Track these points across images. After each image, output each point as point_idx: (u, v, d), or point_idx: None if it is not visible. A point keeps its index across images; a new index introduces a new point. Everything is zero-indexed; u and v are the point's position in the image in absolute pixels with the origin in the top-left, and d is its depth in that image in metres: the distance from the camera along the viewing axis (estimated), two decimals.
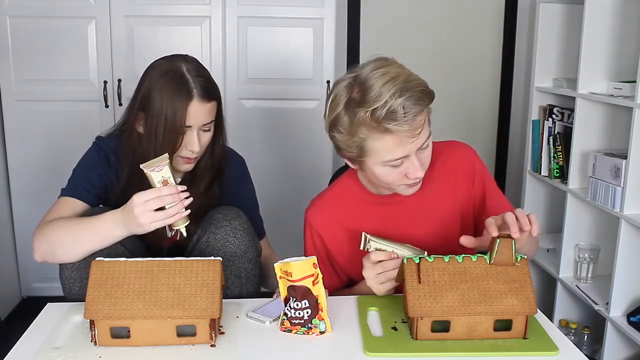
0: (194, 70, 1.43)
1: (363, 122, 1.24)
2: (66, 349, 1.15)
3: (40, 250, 1.37)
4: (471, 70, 3.16)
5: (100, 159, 1.51)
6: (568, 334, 2.39)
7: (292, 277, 1.18)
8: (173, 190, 1.27)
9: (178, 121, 1.39)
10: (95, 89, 2.70)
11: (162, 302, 1.15)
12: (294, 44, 2.75)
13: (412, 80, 1.25)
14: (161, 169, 1.30)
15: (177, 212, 1.28)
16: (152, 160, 1.31)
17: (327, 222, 1.45)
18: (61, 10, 2.62)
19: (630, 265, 2.10)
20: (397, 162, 1.28)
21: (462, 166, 1.47)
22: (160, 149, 1.39)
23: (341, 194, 1.48)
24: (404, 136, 1.24)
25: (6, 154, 2.75)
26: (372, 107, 1.21)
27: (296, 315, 1.20)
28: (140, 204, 1.26)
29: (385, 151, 1.26)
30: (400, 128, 1.22)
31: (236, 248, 1.45)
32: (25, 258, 2.84)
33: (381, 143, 1.25)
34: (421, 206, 1.44)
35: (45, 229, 1.37)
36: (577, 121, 2.35)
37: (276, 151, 2.84)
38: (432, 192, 1.44)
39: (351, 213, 1.45)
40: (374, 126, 1.23)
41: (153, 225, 1.28)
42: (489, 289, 1.18)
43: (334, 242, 1.46)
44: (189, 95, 1.39)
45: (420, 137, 1.26)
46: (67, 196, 1.46)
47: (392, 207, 1.44)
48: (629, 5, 2.27)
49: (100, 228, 1.33)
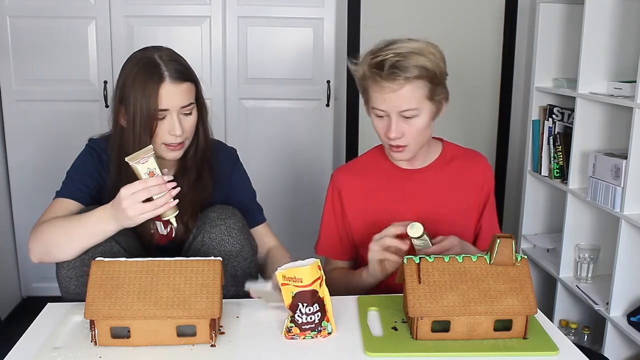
0: (167, 55, 1.44)
1: (364, 67, 1.45)
2: (66, 349, 1.15)
3: (36, 251, 1.37)
4: (471, 70, 3.16)
5: (92, 160, 1.52)
6: (568, 334, 2.39)
7: (303, 282, 1.17)
8: (160, 181, 1.28)
9: (152, 105, 1.39)
10: (95, 89, 2.70)
11: (162, 302, 1.15)
12: (294, 44, 2.75)
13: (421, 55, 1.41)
14: (146, 161, 1.30)
15: (165, 203, 1.28)
16: (136, 153, 1.31)
17: (348, 181, 1.62)
18: (61, 10, 2.63)
19: (630, 265, 2.10)
20: (380, 112, 1.46)
21: (478, 174, 1.63)
22: (139, 138, 1.40)
23: (366, 161, 1.65)
24: (384, 90, 1.41)
25: (6, 154, 2.75)
26: (376, 54, 1.42)
27: (307, 321, 1.19)
28: (128, 197, 1.26)
29: (374, 97, 1.45)
30: (381, 80, 1.40)
31: (231, 247, 1.45)
32: (25, 258, 2.84)
33: (370, 88, 1.46)
34: (438, 188, 1.58)
35: (39, 229, 1.37)
36: (577, 121, 2.35)
37: (276, 151, 2.84)
38: (448, 181, 1.59)
39: (371, 178, 1.61)
40: (366, 73, 1.44)
41: (142, 217, 1.28)
42: (489, 289, 1.18)
43: (350, 200, 1.61)
44: (160, 78, 1.39)
45: (401, 100, 1.42)
46: (60, 197, 1.47)
47: (408, 182, 1.59)
48: (629, 5, 2.27)
49: (91, 224, 1.33)
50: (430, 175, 1.59)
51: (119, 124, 1.47)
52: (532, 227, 2.83)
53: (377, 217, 1.56)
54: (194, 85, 1.47)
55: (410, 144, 1.48)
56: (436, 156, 1.61)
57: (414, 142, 1.49)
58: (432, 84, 1.44)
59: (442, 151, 1.62)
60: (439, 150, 1.62)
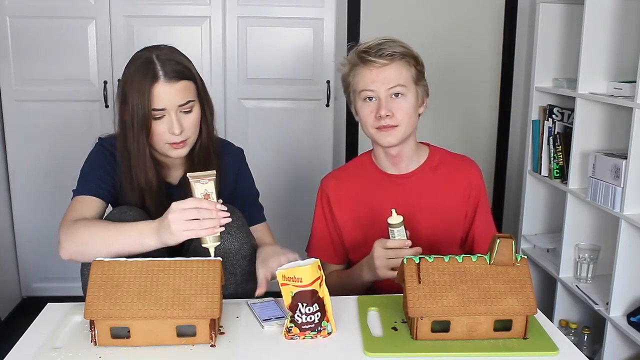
0: (165, 55, 1.44)
1: (351, 60, 1.54)
2: (66, 349, 1.16)
3: (69, 250, 1.35)
4: (471, 70, 3.16)
5: (105, 158, 1.52)
6: (568, 334, 2.39)
7: (303, 282, 1.17)
8: (212, 206, 1.26)
9: (145, 104, 1.39)
10: (95, 89, 2.70)
11: (162, 302, 1.15)
12: (294, 44, 2.75)
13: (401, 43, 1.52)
14: (206, 182, 1.29)
15: (211, 226, 1.26)
16: (199, 172, 1.31)
17: (337, 187, 1.65)
18: (61, 10, 2.63)
19: (630, 265, 2.10)
20: (370, 93, 1.51)
21: (465, 180, 1.63)
22: (137, 137, 1.41)
23: (355, 168, 1.68)
24: (373, 67, 1.49)
25: (6, 154, 2.75)
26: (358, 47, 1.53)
27: (307, 321, 1.19)
28: (178, 211, 1.25)
29: (361, 81, 1.51)
30: (369, 59, 1.49)
31: (230, 245, 1.45)
32: (25, 258, 2.84)
33: (358, 74, 1.52)
34: (424, 193, 1.60)
35: (73, 228, 1.35)
36: (577, 121, 2.34)
37: (276, 151, 2.84)
38: (434, 186, 1.61)
39: (360, 184, 1.63)
40: (354, 61, 1.52)
41: (185, 234, 1.26)
42: (489, 289, 1.18)
43: (339, 206, 1.64)
44: (154, 77, 1.40)
45: (390, 76, 1.49)
46: (81, 195, 1.46)
47: (398, 187, 1.60)
48: (629, 5, 2.27)
49: (132, 236, 1.32)
50: (416, 180, 1.61)
51: (123, 122, 1.47)
52: (532, 227, 2.83)
53: (365, 222, 1.60)
54: (192, 83, 1.47)
55: (400, 124, 1.51)
56: (423, 161, 1.63)
57: (403, 122, 1.51)
58: (416, 69, 1.54)
59: (429, 156, 1.63)
60: (426, 155, 1.64)
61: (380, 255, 1.44)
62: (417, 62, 1.54)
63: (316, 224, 1.68)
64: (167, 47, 1.49)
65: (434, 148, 1.66)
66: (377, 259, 1.44)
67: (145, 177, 1.48)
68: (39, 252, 2.78)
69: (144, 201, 1.50)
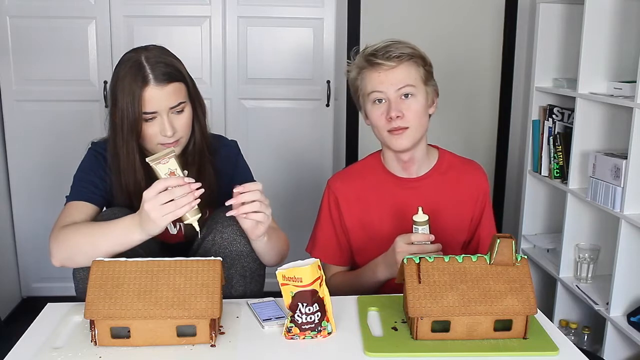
0: (154, 57, 1.43)
1: (358, 63, 1.54)
2: (66, 349, 1.16)
3: (59, 256, 1.36)
4: (471, 70, 3.16)
5: (98, 162, 1.52)
6: (568, 334, 2.39)
7: (303, 282, 1.17)
8: (180, 181, 1.26)
9: (136, 108, 1.39)
10: (95, 89, 2.70)
11: (162, 302, 1.15)
12: (294, 44, 2.75)
13: (408, 44, 1.53)
14: (167, 162, 1.29)
15: (187, 202, 1.26)
16: (157, 154, 1.31)
17: (345, 188, 1.63)
18: (61, 10, 2.63)
19: (630, 265, 2.10)
20: (379, 95, 1.50)
21: (474, 185, 1.64)
22: (127, 140, 1.41)
23: (363, 169, 1.66)
24: (381, 70, 1.49)
25: (6, 154, 2.75)
26: (365, 51, 1.53)
27: (307, 320, 1.19)
28: (150, 198, 1.24)
29: (370, 83, 1.51)
30: (378, 62, 1.49)
31: (242, 247, 1.44)
32: (25, 258, 2.84)
33: (367, 77, 1.52)
34: (433, 197, 1.58)
35: (62, 234, 1.36)
36: (577, 121, 2.34)
37: (276, 151, 2.84)
38: (443, 190, 1.60)
39: (367, 186, 1.62)
40: (362, 65, 1.53)
41: (165, 218, 1.25)
42: (489, 289, 1.18)
43: (348, 207, 1.62)
44: (145, 81, 1.39)
45: (399, 77, 1.49)
46: (73, 201, 1.46)
47: (408, 190, 1.59)
48: (629, 5, 2.27)
49: (117, 232, 1.32)
50: (426, 184, 1.60)
51: (114, 124, 1.47)
52: (532, 227, 2.83)
53: (373, 225, 1.59)
54: (183, 84, 1.46)
55: (411, 126, 1.50)
56: (432, 165, 1.62)
57: (414, 124, 1.51)
58: (425, 69, 1.53)
59: (439, 160, 1.63)
60: (436, 159, 1.63)
61: (403, 250, 1.41)
62: (425, 62, 1.54)
63: (322, 225, 1.65)
64: (156, 47, 1.48)
65: (443, 151, 1.65)
66: (399, 254, 1.41)
67: (134, 181, 1.47)
68: (39, 252, 2.78)
69: (133, 204, 1.48)
